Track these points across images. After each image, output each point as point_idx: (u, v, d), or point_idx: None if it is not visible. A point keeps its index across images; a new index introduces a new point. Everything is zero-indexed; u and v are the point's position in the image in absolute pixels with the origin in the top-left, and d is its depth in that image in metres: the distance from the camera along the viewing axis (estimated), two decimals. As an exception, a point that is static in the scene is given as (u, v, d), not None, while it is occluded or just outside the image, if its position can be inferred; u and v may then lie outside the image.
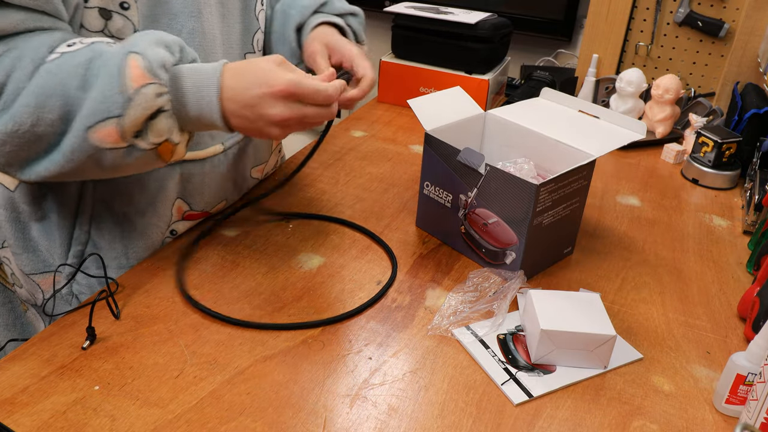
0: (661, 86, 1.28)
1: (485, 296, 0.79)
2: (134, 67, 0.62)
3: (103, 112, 0.62)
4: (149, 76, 0.63)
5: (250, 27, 0.87)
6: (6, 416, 0.59)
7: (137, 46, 0.64)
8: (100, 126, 0.62)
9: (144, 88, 0.63)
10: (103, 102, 0.62)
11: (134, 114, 0.63)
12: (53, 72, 0.62)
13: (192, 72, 0.66)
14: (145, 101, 0.63)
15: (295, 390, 0.65)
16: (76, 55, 0.63)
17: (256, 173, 0.99)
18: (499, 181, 0.80)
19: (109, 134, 0.63)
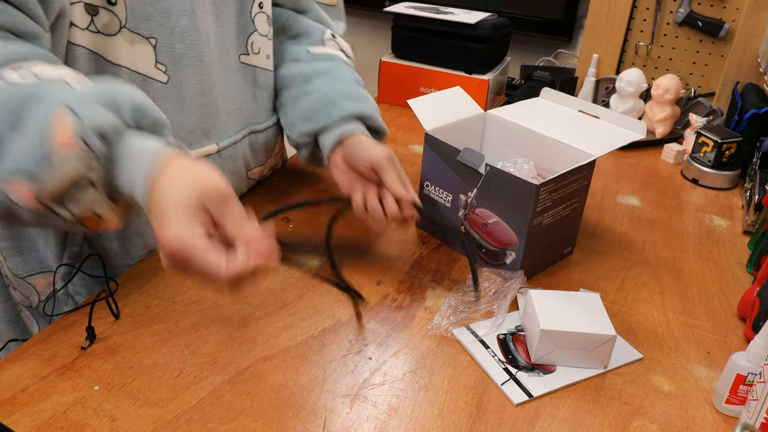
0: (661, 86, 1.28)
1: (485, 296, 0.79)
2: (62, 124, 0.52)
3: (20, 166, 0.53)
4: (76, 142, 0.53)
5: (245, 29, 0.86)
6: (6, 416, 0.59)
7: (76, 99, 0.54)
8: (16, 181, 0.53)
9: (67, 153, 0.53)
10: (22, 154, 0.53)
11: (53, 179, 0.53)
12: None
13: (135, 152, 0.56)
14: (68, 168, 0.53)
15: (295, 390, 0.65)
16: (19, 88, 0.55)
17: (253, 175, 0.98)
18: (499, 181, 0.80)
19: (24, 192, 0.54)
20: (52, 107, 0.53)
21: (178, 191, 0.53)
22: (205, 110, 0.82)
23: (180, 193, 0.53)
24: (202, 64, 0.79)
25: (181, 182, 0.54)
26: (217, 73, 0.82)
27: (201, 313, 0.75)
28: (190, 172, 0.55)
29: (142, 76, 0.74)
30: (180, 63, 0.77)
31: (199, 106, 0.81)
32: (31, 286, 0.84)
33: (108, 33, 0.70)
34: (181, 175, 0.54)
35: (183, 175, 0.54)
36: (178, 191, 0.54)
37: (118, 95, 0.56)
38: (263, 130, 0.94)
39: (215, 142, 0.86)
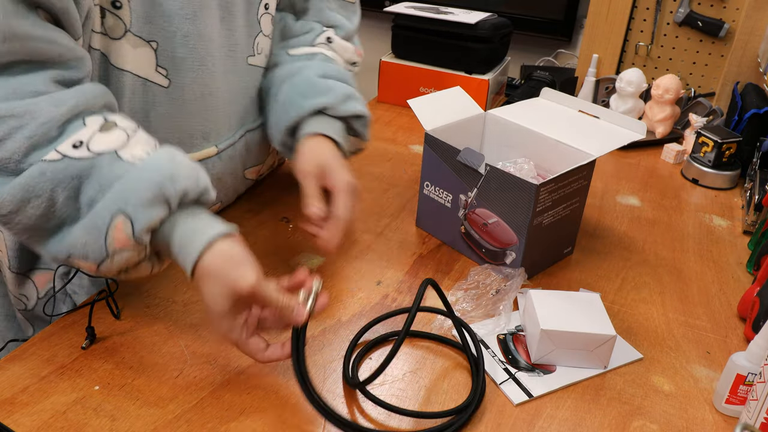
0: (661, 86, 1.28)
1: (486, 294, 0.79)
2: (119, 230, 0.61)
3: (82, 253, 0.62)
4: (131, 244, 0.62)
5: (251, 31, 0.86)
6: (6, 416, 0.59)
7: (130, 203, 0.61)
8: (79, 260, 0.63)
9: (124, 252, 0.62)
10: (85, 246, 0.62)
11: (111, 266, 0.63)
12: (47, 176, 0.60)
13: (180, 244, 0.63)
14: (124, 260, 0.63)
15: (296, 390, 0.65)
16: (75, 165, 0.61)
17: (250, 174, 0.97)
18: (499, 181, 0.80)
19: (87, 267, 0.64)
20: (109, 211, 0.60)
21: (215, 298, 0.62)
22: (205, 114, 0.82)
23: (216, 302, 0.62)
24: (204, 68, 0.78)
25: (213, 289, 0.62)
26: (220, 76, 0.82)
27: (201, 313, 0.75)
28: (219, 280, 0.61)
29: (142, 79, 0.74)
30: (182, 67, 0.76)
31: (200, 109, 0.81)
32: (30, 281, 0.84)
33: (114, 36, 0.70)
34: (211, 283, 0.62)
35: (213, 283, 0.62)
36: (214, 298, 0.62)
37: (167, 190, 0.62)
38: (257, 128, 0.93)
39: (215, 144, 0.85)
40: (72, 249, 0.62)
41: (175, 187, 0.63)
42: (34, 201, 0.60)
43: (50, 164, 0.60)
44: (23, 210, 0.61)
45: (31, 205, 0.61)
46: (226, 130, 0.87)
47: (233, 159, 0.90)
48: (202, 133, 0.83)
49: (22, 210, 0.61)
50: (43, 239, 0.64)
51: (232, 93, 0.86)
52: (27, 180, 0.60)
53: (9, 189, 0.60)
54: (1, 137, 0.59)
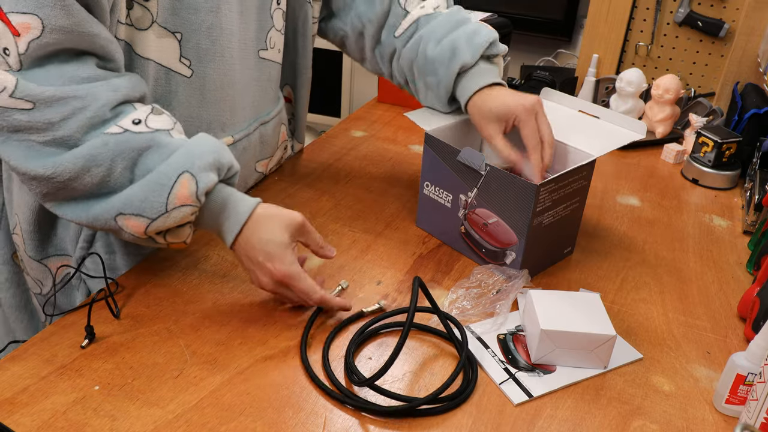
0: (661, 86, 1.27)
1: (488, 294, 0.79)
2: (184, 187, 0.67)
3: (138, 210, 0.67)
4: (192, 200, 0.68)
5: (264, 25, 0.88)
6: (6, 416, 0.59)
7: (194, 166, 0.67)
8: (130, 217, 0.67)
9: (183, 207, 0.67)
10: (143, 202, 0.66)
11: (165, 222, 0.68)
12: (110, 146, 0.65)
13: (230, 204, 0.71)
14: (180, 216, 0.68)
15: (295, 390, 0.65)
16: (138, 138, 0.67)
17: (260, 167, 1.00)
18: (499, 181, 0.80)
19: (135, 226, 0.68)
20: (174, 171, 0.66)
21: (276, 234, 0.71)
22: (224, 104, 0.84)
23: (277, 235, 0.71)
24: (223, 60, 0.81)
25: (273, 226, 0.71)
26: (237, 68, 0.84)
27: (201, 313, 0.75)
28: (277, 217, 0.72)
29: (165, 69, 0.76)
30: (204, 58, 0.79)
31: (218, 100, 0.83)
32: (46, 268, 0.85)
33: (140, 27, 0.72)
34: (272, 222, 0.71)
35: (273, 221, 0.71)
36: (275, 234, 0.71)
37: (222, 158, 0.70)
38: (270, 120, 0.97)
39: (231, 134, 0.88)
40: (125, 207, 0.67)
41: (225, 160, 0.71)
42: (94, 170, 0.65)
43: (113, 136, 0.66)
44: (80, 178, 0.65)
45: (90, 173, 0.65)
46: (241, 121, 0.89)
47: (247, 150, 0.93)
48: (219, 124, 0.85)
49: (79, 178, 0.65)
50: (87, 204, 0.68)
51: (247, 85, 0.88)
52: (90, 150, 0.65)
53: (71, 158, 0.65)
54: (65, 116, 0.64)
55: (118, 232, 0.69)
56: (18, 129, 0.64)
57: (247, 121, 0.91)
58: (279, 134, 1.02)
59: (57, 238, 0.84)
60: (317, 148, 1.20)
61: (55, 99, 0.63)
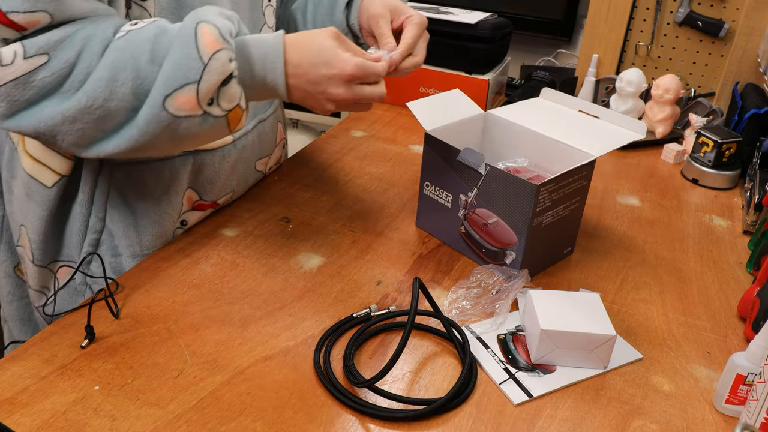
0: (661, 86, 1.27)
1: (488, 294, 0.79)
2: (207, 34, 0.65)
3: (180, 80, 0.65)
4: (221, 42, 0.66)
5: (257, 22, 0.89)
6: (6, 416, 0.59)
7: (206, 16, 0.67)
8: (177, 93, 0.65)
9: (217, 53, 0.65)
10: (180, 69, 0.65)
11: (209, 79, 0.66)
12: (122, 47, 0.65)
13: (257, 42, 0.70)
14: (220, 66, 0.66)
15: (295, 390, 0.65)
16: (143, 31, 0.66)
17: (260, 166, 1.00)
18: (499, 181, 0.80)
19: (186, 101, 0.66)
20: (190, 27, 0.66)
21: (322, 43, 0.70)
22: None
23: (323, 40, 0.70)
24: None
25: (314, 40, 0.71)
26: None
27: (201, 313, 0.75)
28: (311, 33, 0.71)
29: None
30: None
31: None
32: (52, 273, 0.85)
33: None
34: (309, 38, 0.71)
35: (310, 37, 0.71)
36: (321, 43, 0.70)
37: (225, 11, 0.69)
38: (267, 118, 0.97)
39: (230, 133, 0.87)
40: (166, 88, 0.65)
41: (227, 12, 0.70)
42: (121, 75, 0.65)
43: (121, 39, 0.66)
44: (114, 92, 0.65)
45: (119, 81, 0.65)
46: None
47: (246, 148, 0.93)
48: None
49: (113, 93, 0.65)
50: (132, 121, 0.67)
51: None
52: (107, 59, 0.65)
53: (95, 77, 0.64)
54: (80, 49, 0.64)
55: (174, 129, 0.67)
56: (47, 89, 0.64)
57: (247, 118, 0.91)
58: (276, 132, 1.02)
59: (63, 244, 0.84)
60: (317, 148, 1.20)
61: (64, 38, 0.63)
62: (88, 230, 0.82)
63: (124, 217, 0.82)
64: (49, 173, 0.79)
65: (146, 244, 0.84)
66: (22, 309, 0.91)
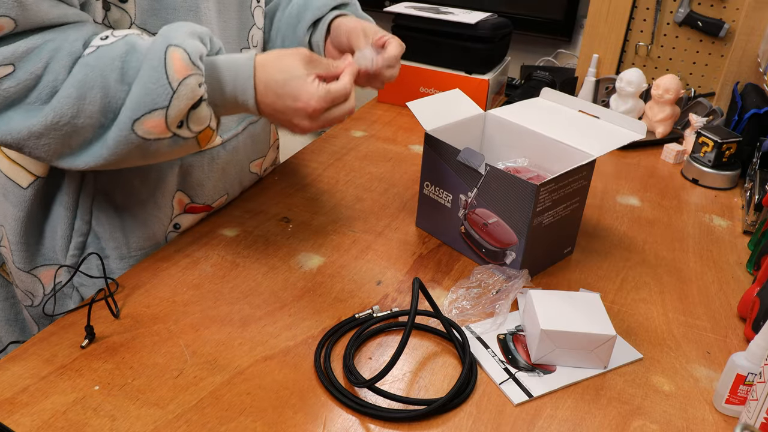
0: (661, 86, 1.27)
1: (488, 294, 0.79)
2: (176, 59, 0.65)
3: (148, 104, 0.65)
4: (191, 68, 0.66)
5: (246, 23, 0.88)
6: (6, 416, 0.59)
7: (175, 39, 0.66)
8: (146, 117, 0.65)
9: (187, 79, 0.66)
10: (148, 95, 0.65)
11: (178, 105, 0.66)
12: (91, 64, 0.64)
13: (228, 63, 0.70)
14: (189, 92, 0.66)
15: (295, 390, 0.65)
16: (113, 48, 0.65)
17: (254, 167, 0.99)
18: (499, 181, 0.80)
19: (155, 125, 0.66)
20: (160, 50, 0.65)
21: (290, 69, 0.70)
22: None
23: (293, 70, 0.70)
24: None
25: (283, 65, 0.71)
26: None
27: (201, 313, 0.75)
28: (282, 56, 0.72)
29: None
30: None
31: None
32: (36, 278, 0.84)
33: (118, 29, 0.71)
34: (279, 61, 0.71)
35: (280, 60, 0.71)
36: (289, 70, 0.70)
37: (197, 29, 0.69)
38: (259, 119, 0.96)
39: (219, 134, 0.87)
40: (135, 112, 0.65)
41: (199, 29, 0.69)
42: (90, 94, 0.64)
43: (90, 56, 0.65)
44: (82, 109, 0.64)
45: (88, 100, 0.64)
46: (228, 121, 0.89)
47: (237, 150, 0.92)
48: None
49: (81, 110, 0.64)
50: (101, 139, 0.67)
51: None
52: (76, 77, 0.64)
53: (63, 93, 0.64)
54: (46, 61, 0.63)
55: (144, 149, 0.68)
56: (11, 99, 0.63)
57: (235, 120, 0.91)
58: (270, 133, 1.02)
59: (45, 247, 0.83)
60: (317, 148, 1.20)
61: (31, 50, 0.62)
62: (74, 233, 0.81)
63: (111, 220, 0.82)
64: (25, 174, 0.79)
65: (134, 246, 0.84)
66: (8, 309, 0.91)
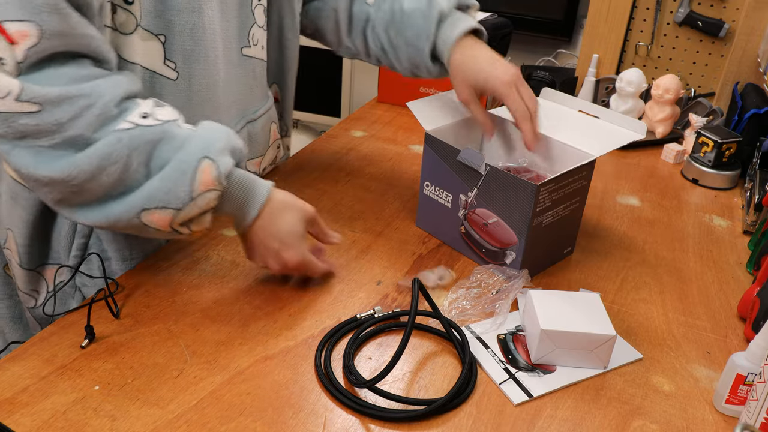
0: (661, 86, 1.27)
1: (488, 294, 0.79)
2: (207, 173, 0.67)
3: (163, 202, 0.67)
4: (216, 184, 0.68)
5: (246, 22, 0.88)
6: (6, 416, 0.59)
7: (212, 151, 0.68)
8: (155, 211, 0.67)
9: (208, 193, 0.68)
10: (168, 194, 0.66)
11: (190, 211, 0.68)
12: (124, 142, 0.65)
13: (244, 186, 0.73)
14: (205, 203, 0.69)
15: (295, 390, 0.65)
16: (150, 131, 0.67)
17: (253, 167, 0.99)
18: (499, 181, 0.80)
19: (160, 219, 0.68)
20: (194, 157, 0.67)
21: (292, 224, 0.75)
22: (209, 104, 0.84)
23: (293, 226, 0.75)
24: (208, 60, 0.81)
25: (289, 217, 0.75)
26: (221, 67, 0.84)
27: (201, 313, 0.75)
28: (293, 208, 0.76)
29: (150, 72, 0.76)
30: (189, 59, 0.78)
31: (204, 100, 0.83)
32: (41, 276, 0.85)
33: (124, 32, 0.72)
34: (288, 212, 0.75)
35: (289, 212, 0.75)
36: (291, 224, 0.75)
37: (234, 142, 0.72)
38: (258, 118, 0.96)
39: None
40: (148, 203, 0.66)
41: (238, 143, 0.73)
42: (110, 168, 0.65)
43: (125, 132, 0.65)
44: (97, 178, 0.65)
45: (106, 172, 0.65)
46: (227, 121, 0.89)
47: None
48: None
49: (96, 178, 0.65)
50: (104, 206, 0.67)
51: (231, 84, 0.88)
52: (104, 147, 0.64)
53: (85, 158, 0.64)
54: (73, 116, 0.63)
55: (140, 230, 0.69)
56: (25, 135, 0.63)
57: (233, 119, 0.90)
58: (269, 132, 1.01)
59: (51, 249, 0.83)
60: (317, 148, 1.20)
61: (63, 99, 0.62)
62: (76, 234, 0.82)
63: None
64: None
65: (136, 248, 0.84)
66: (13, 307, 0.91)
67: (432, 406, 0.63)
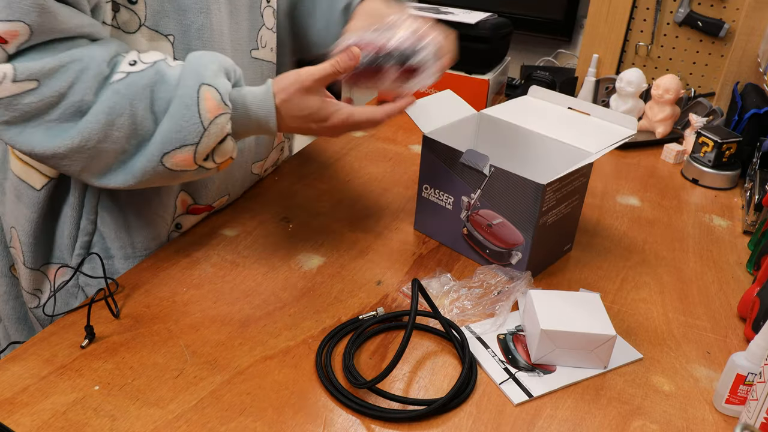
0: (661, 86, 1.28)
1: (489, 294, 0.79)
2: (209, 99, 0.68)
3: (179, 141, 0.68)
4: (222, 107, 0.69)
5: (255, 24, 0.88)
6: (6, 416, 0.59)
7: (207, 77, 0.68)
8: (175, 152, 0.68)
9: (217, 119, 0.69)
10: (180, 131, 0.67)
11: (208, 142, 0.69)
12: (122, 92, 0.66)
13: (252, 98, 0.72)
14: (219, 130, 0.69)
15: (295, 390, 0.65)
16: (142, 75, 0.67)
17: (256, 169, 0.99)
18: (504, 182, 0.80)
19: (183, 159, 0.69)
20: (192, 89, 0.67)
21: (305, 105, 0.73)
22: None
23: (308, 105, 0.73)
24: None
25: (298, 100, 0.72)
26: None
27: (201, 313, 0.75)
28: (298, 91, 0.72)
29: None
30: None
31: None
32: (44, 275, 0.85)
33: (128, 30, 0.72)
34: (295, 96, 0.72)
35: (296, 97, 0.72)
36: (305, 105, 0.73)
37: (225, 63, 0.71)
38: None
39: None
40: (165, 146, 0.68)
41: (228, 63, 0.72)
42: (118, 121, 0.66)
43: (120, 83, 0.66)
44: (109, 135, 0.66)
45: (115, 126, 0.66)
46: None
47: (242, 152, 0.92)
48: None
49: (108, 136, 0.66)
50: (127, 164, 0.69)
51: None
52: (106, 102, 0.65)
53: (92, 118, 0.65)
54: (71, 81, 0.64)
55: (171, 177, 0.71)
56: (31, 114, 0.64)
57: None
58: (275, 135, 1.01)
59: (55, 247, 0.84)
60: (317, 148, 1.20)
61: (57, 68, 0.63)
62: (80, 233, 0.82)
63: (115, 219, 0.82)
64: (38, 176, 0.79)
65: (139, 246, 0.84)
66: (18, 308, 0.91)
67: (432, 406, 0.63)
